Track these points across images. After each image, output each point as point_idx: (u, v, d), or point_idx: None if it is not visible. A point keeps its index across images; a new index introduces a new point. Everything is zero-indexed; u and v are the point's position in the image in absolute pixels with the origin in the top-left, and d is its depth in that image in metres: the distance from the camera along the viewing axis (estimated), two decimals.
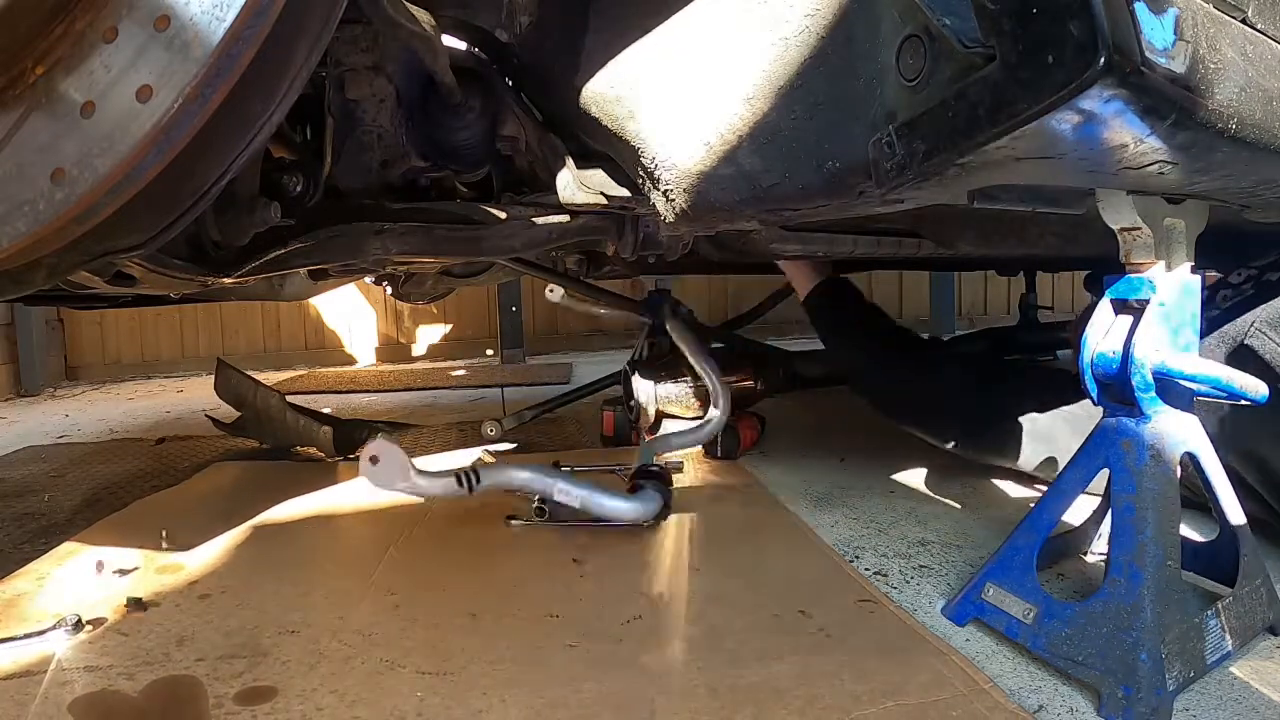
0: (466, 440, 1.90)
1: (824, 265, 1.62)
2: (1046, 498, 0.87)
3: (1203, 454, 0.84)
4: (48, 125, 0.56)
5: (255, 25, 0.55)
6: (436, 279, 1.77)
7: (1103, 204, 0.77)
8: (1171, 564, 0.76)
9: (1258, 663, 0.82)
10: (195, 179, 0.66)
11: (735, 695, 0.76)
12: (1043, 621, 0.81)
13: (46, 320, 3.48)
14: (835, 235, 1.35)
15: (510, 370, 3.53)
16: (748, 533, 1.20)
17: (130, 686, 0.79)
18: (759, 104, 0.68)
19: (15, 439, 2.23)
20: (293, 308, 3.93)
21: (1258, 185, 0.69)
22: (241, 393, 1.83)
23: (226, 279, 0.93)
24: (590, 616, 0.93)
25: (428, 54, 0.82)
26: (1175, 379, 0.77)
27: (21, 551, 1.20)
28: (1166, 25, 0.47)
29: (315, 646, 0.87)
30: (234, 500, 1.43)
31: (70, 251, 0.65)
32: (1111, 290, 0.82)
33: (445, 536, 1.20)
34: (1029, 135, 0.50)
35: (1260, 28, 0.57)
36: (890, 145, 0.58)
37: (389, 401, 2.73)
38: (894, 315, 5.35)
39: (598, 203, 0.94)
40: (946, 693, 0.75)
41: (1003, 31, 0.48)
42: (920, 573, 1.06)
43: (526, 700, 0.75)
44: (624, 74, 0.81)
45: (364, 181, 1.03)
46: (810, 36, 0.64)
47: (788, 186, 0.68)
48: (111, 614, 0.95)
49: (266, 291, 1.47)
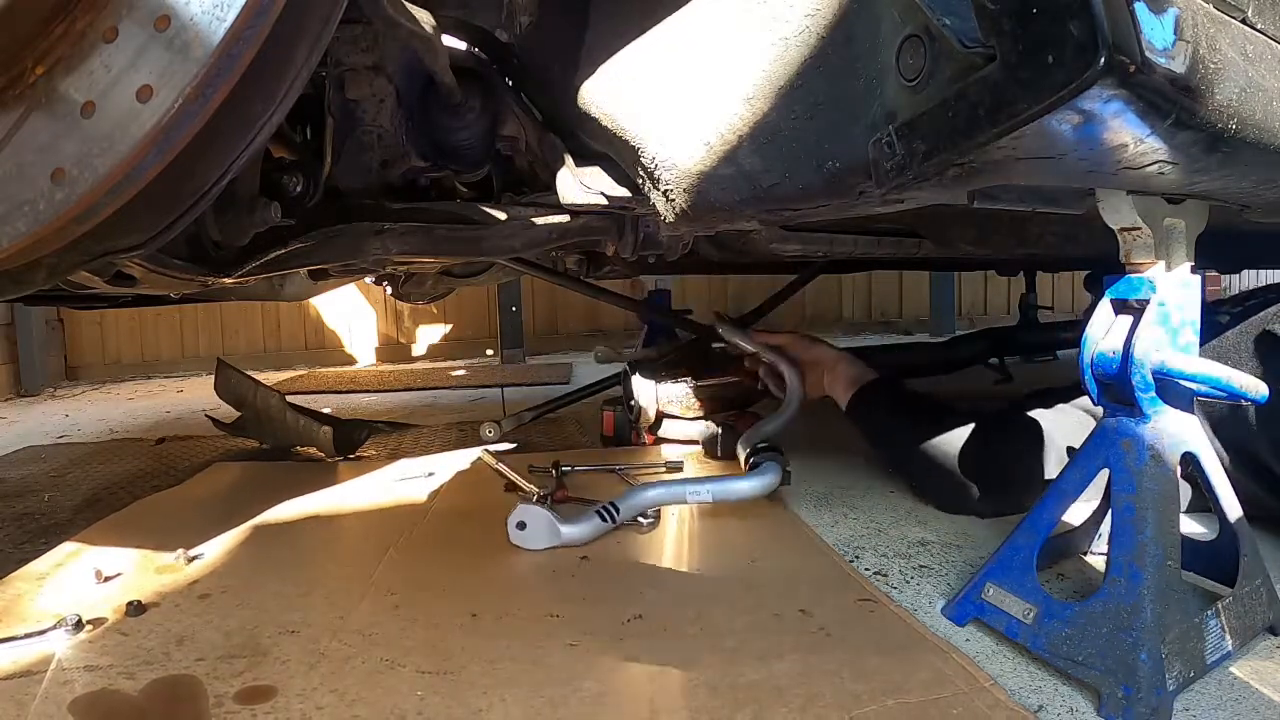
0: (466, 440, 1.90)
1: (856, 367, 1.47)
2: (1046, 498, 0.87)
3: (1203, 454, 0.84)
4: (48, 125, 0.56)
5: (255, 25, 0.55)
6: (436, 279, 1.77)
7: (1103, 204, 0.77)
8: (1171, 564, 0.76)
9: (1258, 663, 0.82)
10: (195, 179, 0.66)
11: (736, 694, 0.76)
12: (1043, 621, 0.81)
13: (46, 320, 3.48)
14: (835, 235, 1.36)
15: (510, 370, 3.53)
16: (748, 532, 1.20)
17: (130, 686, 0.79)
18: (759, 104, 0.68)
19: (15, 439, 2.23)
20: (293, 308, 3.93)
21: (1258, 185, 0.69)
22: (241, 393, 1.83)
23: (226, 279, 0.93)
24: (590, 616, 0.93)
25: (428, 54, 0.82)
26: (1175, 379, 0.77)
27: (21, 551, 1.20)
28: (1166, 25, 0.47)
29: (315, 646, 0.87)
30: (234, 500, 1.43)
31: (70, 251, 0.65)
32: (1111, 290, 0.82)
33: (445, 536, 1.20)
34: (1029, 135, 0.50)
35: (1260, 28, 0.57)
36: (890, 145, 0.58)
37: (389, 401, 2.73)
38: (894, 315, 5.31)
39: (598, 203, 0.94)
40: (947, 691, 0.75)
41: (1003, 31, 0.48)
42: (920, 573, 1.06)
43: (526, 700, 0.75)
44: (624, 74, 0.81)
45: (364, 181, 1.03)
46: (810, 36, 0.64)
47: (788, 186, 0.68)
48: (111, 614, 0.95)
49: (267, 291, 1.47)
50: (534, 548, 1.13)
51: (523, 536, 1.13)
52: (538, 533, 1.13)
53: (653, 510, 1.26)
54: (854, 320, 4.83)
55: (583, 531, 1.14)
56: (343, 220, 0.98)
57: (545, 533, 1.13)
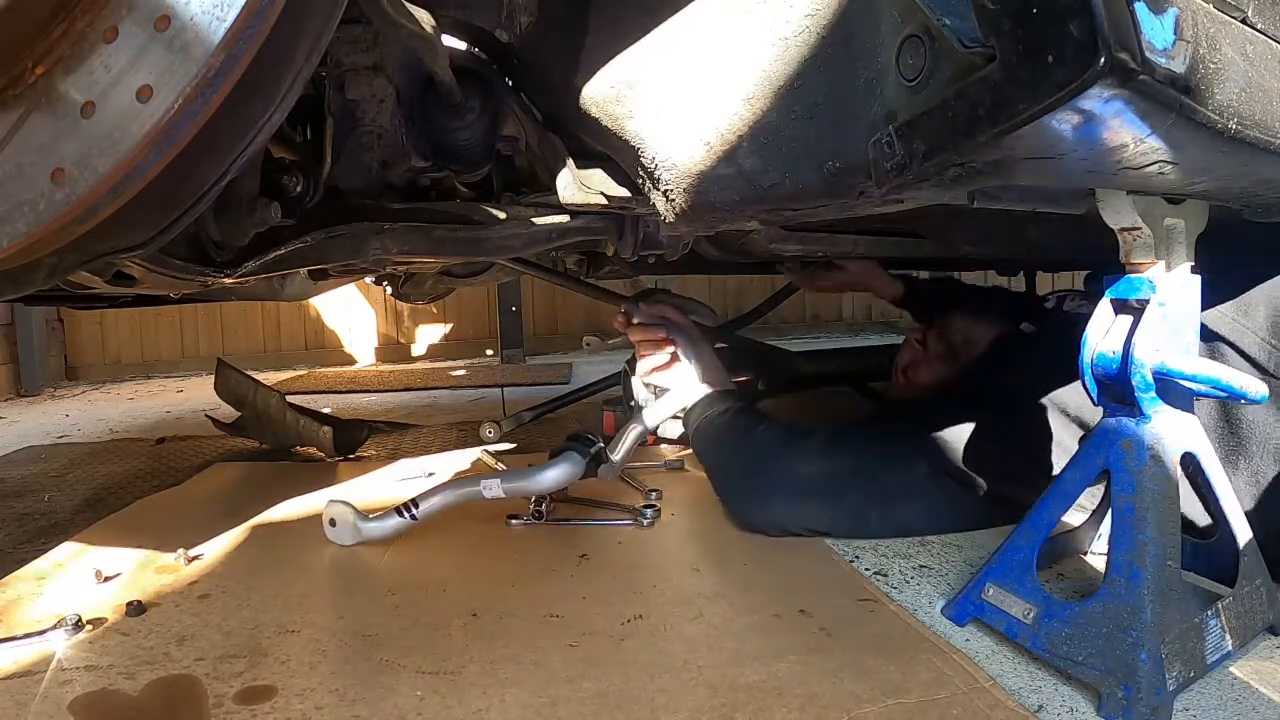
0: (466, 440, 1.90)
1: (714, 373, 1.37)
2: (1046, 498, 0.87)
3: (1203, 454, 0.84)
4: (48, 125, 0.56)
5: (256, 25, 0.55)
6: (436, 279, 1.77)
7: (1103, 204, 0.77)
8: (1171, 564, 0.76)
9: (1258, 663, 0.82)
10: (195, 179, 0.66)
11: (736, 694, 0.76)
12: (1043, 621, 0.81)
13: (46, 320, 3.48)
14: (835, 235, 1.36)
15: (510, 370, 3.53)
16: (748, 533, 1.20)
17: (130, 686, 0.79)
18: (759, 104, 0.68)
19: (15, 439, 2.23)
20: (293, 308, 3.93)
21: (1258, 185, 0.69)
22: (241, 393, 1.84)
23: (226, 279, 0.93)
24: (590, 616, 0.93)
25: (428, 54, 0.82)
26: (1175, 379, 0.77)
27: (21, 551, 1.20)
28: (1166, 25, 0.47)
29: (315, 646, 0.87)
30: (234, 500, 1.43)
31: (70, 251, 0.65)
32: (1111, 290, 0.82)
33: (445, 536, 1.20)
34: (1029, 135, 0.50)
35: (1260, 28, 0.57)
36: (890, 145, 0.58)
37: (389, 401, 2.73)
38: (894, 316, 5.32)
39: (598, 203, 0.94)
40: (947, 691, 0.75)
41: (1003, 31, 0.48)
42: (920, 572, 1.06)
43: (526, 700, 0.76)
44: (624, 74, 0.81)
45: (364, 181, 1.03)
46: (810, 36, 0.64)
47: (788, 186, 0.68)
48: (111, 614, 0.95)
49: (267, 291, 1.47)
50: (344, 543, 1.17)
51: (335, 533, 1.18)
52: (345, 529, 1.17)
53: (652, 511, 1.26)
54: (854, 320, 4.83)
55: (383, 528, 1.18)
56: (343, 220, 0.98)
57: (350, 529, 1.17)
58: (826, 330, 4.65)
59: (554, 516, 1.26)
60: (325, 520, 1.18)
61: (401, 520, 1.18)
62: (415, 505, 1.18)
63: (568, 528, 1.24)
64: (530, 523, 1.24)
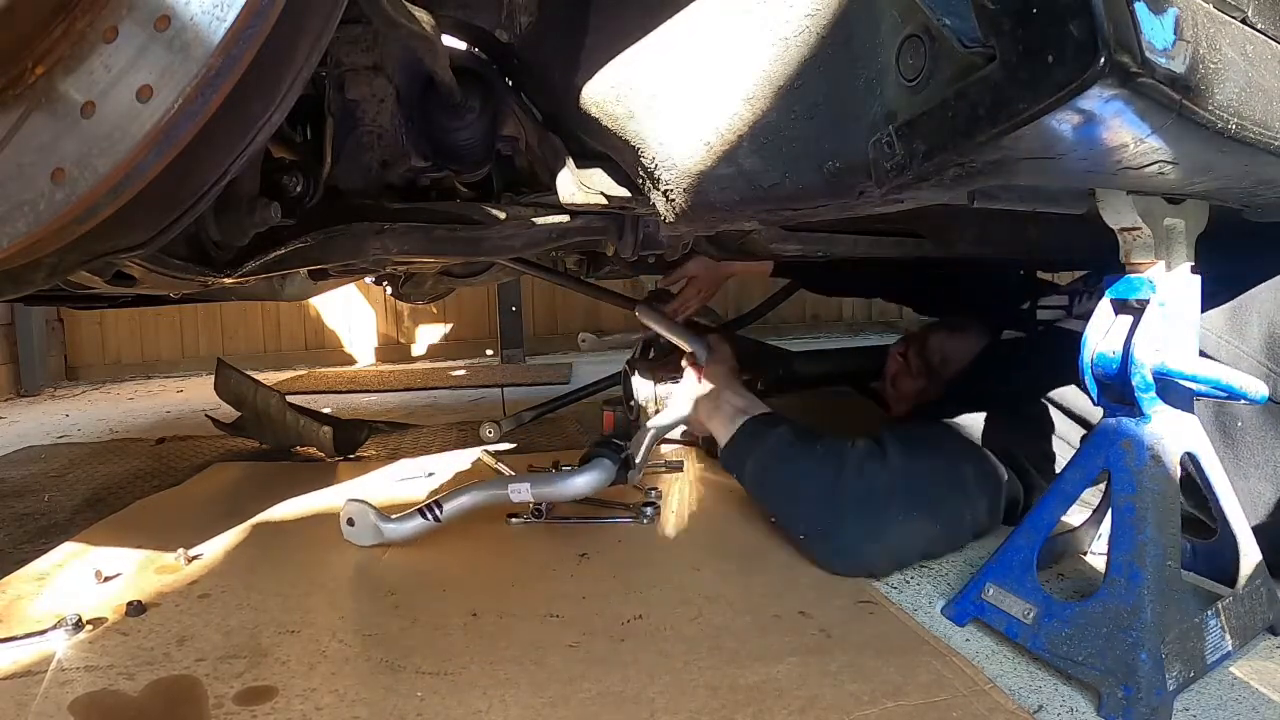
0: (466, 440, 1.90)
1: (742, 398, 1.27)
2: (1046, 498, 0.87)
3: (1203, 454, 0.84)
4: (48, 125, 0.56)
5: (256, 25, 0.55)
6: (436, 279, 1.77)
7: (1103, 204, 0.77)
8: (1171, 564, 0.76)
9: (1258, 663, 0.82)
10: (195, 179, 0.66)
11: (735, 695, 0.76)
12: (1043, 621, 0.81)
13: (46, 320, 3.48)
14: (835, 235, 1.35)
15: (510, 370, 3.53)
16: (748, 532, 1.20)
17: (130, 686, 0.79)
18: (759, 104, 0.68)
19: (15, 439, 2.23)
20: (293, 308, 3.93)
21: (1258, 185, 0.69)
22: (241, 393, 1.84)
23: (226, 279, 0.93)
24: (590, 616, 0.93)
25: (428, 54, 0.82)
26: (1175, 379, 0.77)
27: (21, 551, 1.20)
28: (1166, 25, 0.47)
29: (315, 646, 0.87)
30: (234, 500, 1.43)
31: (70, 251, 0.65)
32: (1111, 290, 0.82)
33: (445, 535, 1.20)
34: (1029, 135, 0.50)
35: (1260, 28, 0.57)
36: (890, 145, 0.58)
37: (389, 401, 2.73)
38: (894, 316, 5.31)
39: (598, 203, 0.94)
40: (946, 693, 0.75)
41: (1003, 31, 0.48)
42: (920, 572, 1.06)
43: (526, 700, 0.75)
44: (624, 74, 0.81)
45: (364, 181, 1.02)
46: (810, 36, 0.63)
47: (788, 186, 0.68)
48: (111, 614, 0.95)
49: (267, 291, 1.47)
50: (362, 544, 1.16)
51: (353, 533, 1.16)
52: (364, 530, 1.15)
53: (652, 509, 1.26)
54: (854, 320, 4.83)
55: (405, 530, 1.15)
56: (343, 220, 0.98)
57: (370, 530, 1.15)
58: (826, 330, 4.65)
59: (553, 515, 1.26)
60: (343, 519, 1.16)
61: (424, 522, 1.15)
62: (439, 507, 1.15)
63: (567, 526, 1.24)
64: (530, 521, 1.24)
